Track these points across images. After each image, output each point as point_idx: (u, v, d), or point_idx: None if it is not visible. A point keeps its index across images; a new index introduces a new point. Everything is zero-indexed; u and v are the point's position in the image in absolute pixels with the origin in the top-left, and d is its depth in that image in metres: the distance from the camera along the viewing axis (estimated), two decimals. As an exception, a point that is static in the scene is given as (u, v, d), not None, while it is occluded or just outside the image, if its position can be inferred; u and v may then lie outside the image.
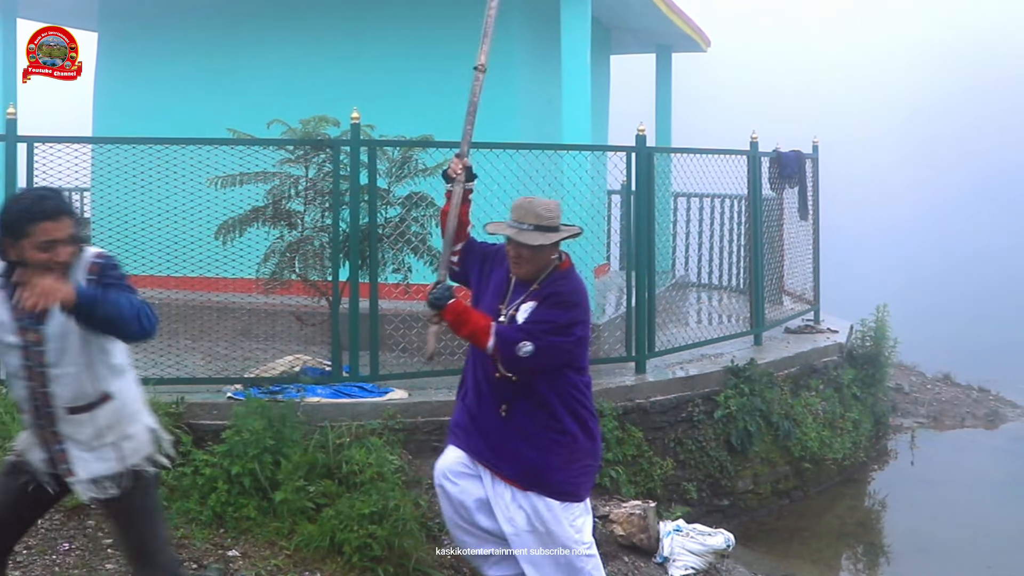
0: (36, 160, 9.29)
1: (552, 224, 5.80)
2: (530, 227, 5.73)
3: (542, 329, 5.71)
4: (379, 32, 13.42)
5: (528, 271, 5.84)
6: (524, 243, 5.73)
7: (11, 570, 6.52)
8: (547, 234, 5.75)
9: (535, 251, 5.77)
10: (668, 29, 16.64)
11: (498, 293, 5.99)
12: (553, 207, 5.88)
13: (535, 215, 5.76)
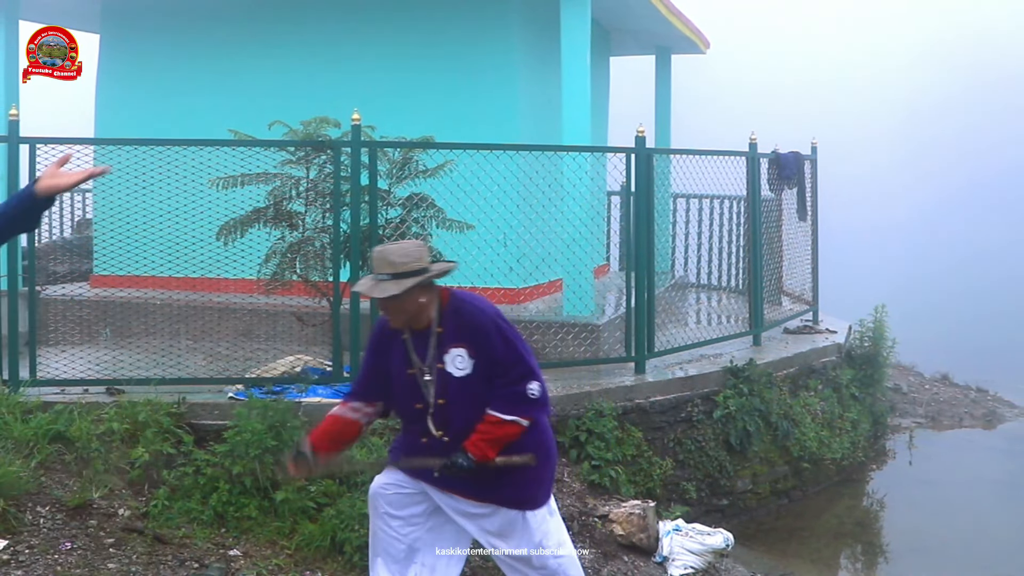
0: (38, 161, 9.28)
1: (409, 269, 5.46)
2: (387, 276, 5.45)
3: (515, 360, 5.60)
4: (379, 34, 13.43)
5: (402, 321, 5.61)
6: (377, 297, 5.51)
7: (13, 569, 6.54)
8: (402, 281, 5.42)
9: (397, 301, 5.49)
10: (667, 31, 16.64)
11: (403, 361, 5.69)
12: (410, 250, 5.54)
13: (389, 264, 5.46)
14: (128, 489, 7.95)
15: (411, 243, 5.67)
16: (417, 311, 5.57)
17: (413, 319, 5.60)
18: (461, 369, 5.58)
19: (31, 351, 9.36)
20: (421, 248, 5.62)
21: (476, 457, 5.51)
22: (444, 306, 5.66)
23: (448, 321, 5.63)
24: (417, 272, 5.49)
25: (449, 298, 5.69)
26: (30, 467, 7.56)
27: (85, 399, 8.80)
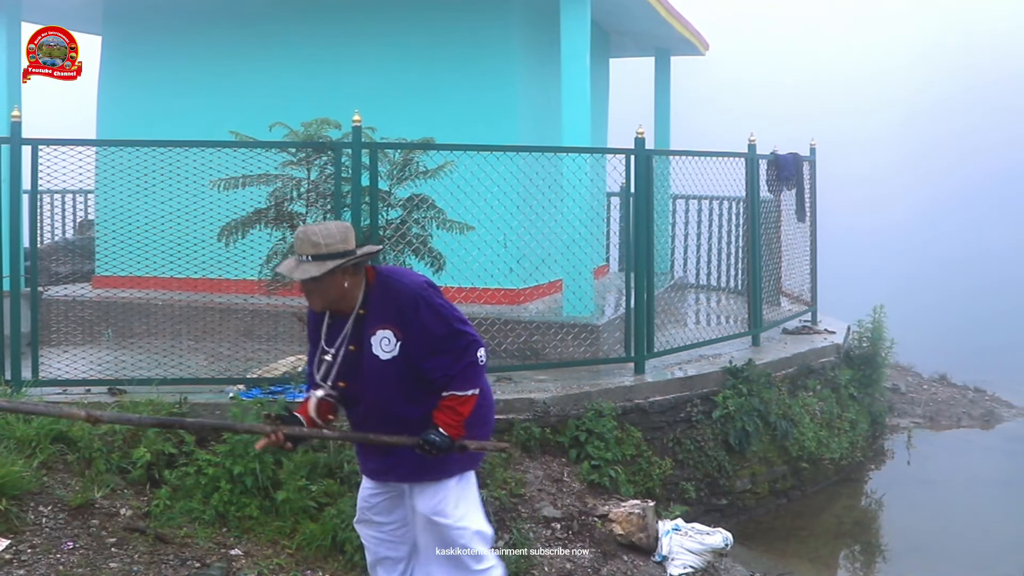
0: (40, 162, 9.29)
1: (331, 251, 5.25)
2: (308, 258, 5.25)
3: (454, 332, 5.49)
4: (380, 36, 13.43)
5: (322, 304, 5.41)
6: (297, 279, 5.31)
7: (15, 568, 6.54)
8: (324, 263, 5.23)
9: (317, 283, 5.30)
10: (667, 33, 16.65)
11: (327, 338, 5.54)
12: (333, 231, 5.30)
13: (311, 244, 5.25)
14: (130, 489, 7.95)
15: (336, 224, 5.40)
16: (339, 295, 5.38)
17: (335, 303, 5.42)
18: (388, 352, 5.41)
19: (33, 351, 9.36)
20: (346, 230, 5.37)
21: (454, 437, 5.43)
22: (370, 286, 5.47)
23: (374, 302, 5.44)
24: (341, 254, 5.28)
25: (375, 277, 5.50)
26: (32, 467, 7.56)
27: (87, 399, 8.81)
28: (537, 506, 8.52)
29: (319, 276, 5.24)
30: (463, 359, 5.46)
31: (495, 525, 8.10)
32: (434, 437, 5.38)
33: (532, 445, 9.20)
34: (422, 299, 5.41)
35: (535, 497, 8.61)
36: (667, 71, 18.53)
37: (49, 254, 14.93)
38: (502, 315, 11.49)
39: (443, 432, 5.40)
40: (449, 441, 5.40)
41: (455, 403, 5.44)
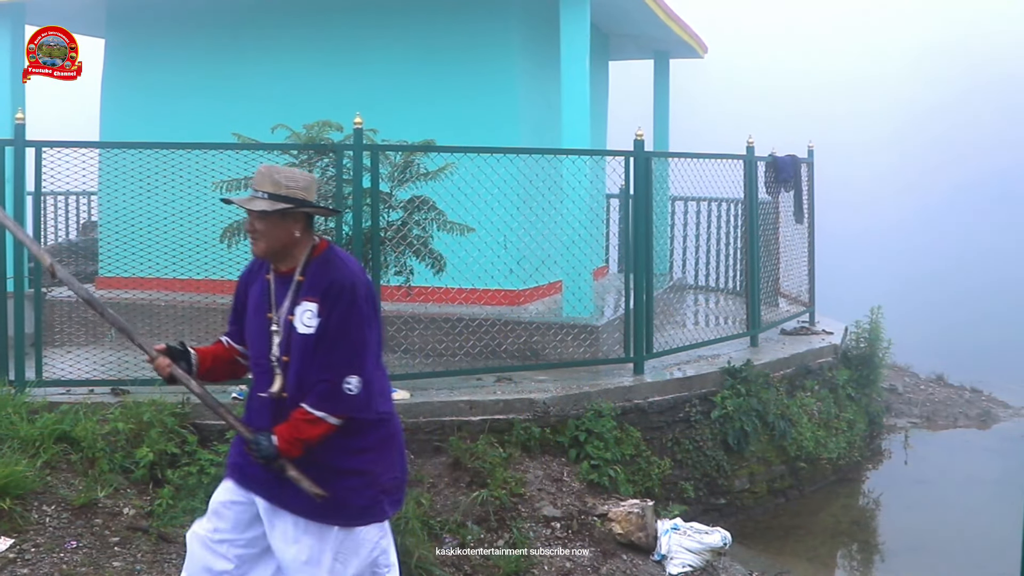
0: (44, 164, 9.29)
1: (289, 195, 4.90)
2: (264, 195, 4.89)
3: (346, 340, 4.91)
4: (381, 39, 13.43)
5: (264, 248, 4.96)
6: (250, 209, 4.91)
7: (19, 567, 6.55)
8: (277, 203, 4.89)
9: (267, 221, 4.91)
10: (666, 36, 16.64)
11: (261, 302, 5.10)
12: (298, 179, 4.97)
13: (272, 182, 4.91)
14: (133, 488, 7.95)
15: (303, 173, 5.06)
16: (284, 244, 4.97)
17: (278, 253, 4.99)
18: (307, 327, 4.91)
19: (37, 352, 9.36)
20: (311, 181, 5.06)
21: (282, 449, 4.83)
22: (314, 255, 5.04)
23: (312, 271, 4.99)
24: (299, 201, 4.96)
25: (324, 250, 5.08)
26: (36, 467, 7.56)
27: (90, 399, 8.80)
28: (537, 505, 8.53)
29: (270, 212, 4.89)
30: (330, 372, 4.87)
31: (496, 524, 8.13)
32: (261, 439, 4.86)
33: (532, 445, 9.20)
34: (351, 289, 4.93)
35: (535, 496, 8.62)
36: (666, 74, 18.53)
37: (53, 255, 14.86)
38: (502, 316, 11.49)
39: (273, 439, 4.85)
40: (274, 452, 4.82)
41: (300, 418, 4.85)
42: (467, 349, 10.87)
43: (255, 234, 4.97)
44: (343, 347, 4.89)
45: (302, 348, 4.92)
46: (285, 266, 5.04)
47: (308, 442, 4.85)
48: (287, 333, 4.97)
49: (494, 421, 9.17)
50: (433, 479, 8.57)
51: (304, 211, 5.00)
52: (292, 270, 5.02)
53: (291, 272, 5.02)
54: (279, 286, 5.06)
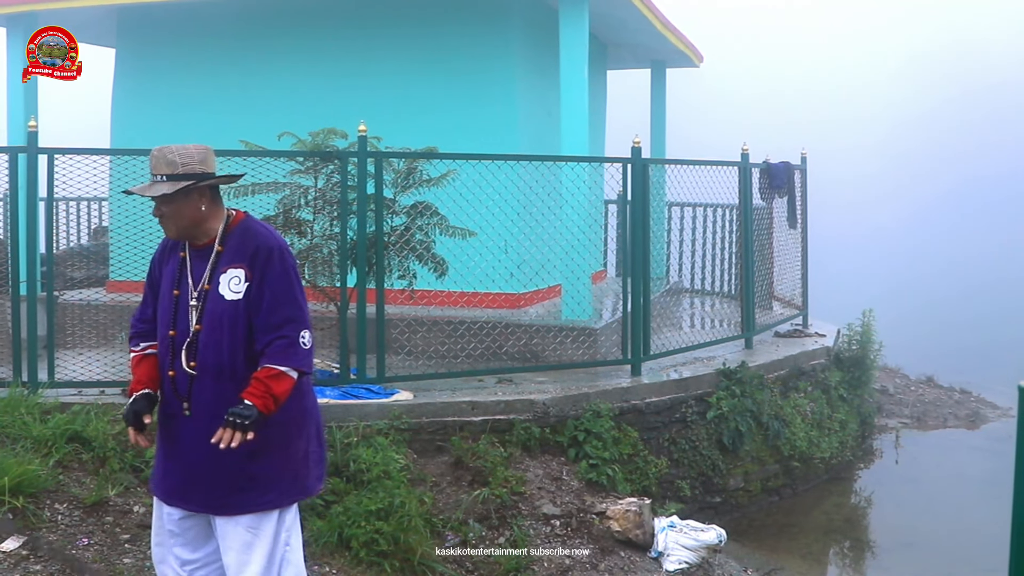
0: (56, 170, 9.29)
1: (189, 172, 4.72)
2: (162, 178, 4.71)
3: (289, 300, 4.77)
4: (385, 50, 13.44)
5: (175, 229, 4.80)
6: (150, 196, 4.74)
7: (32, 564, 6.54)
8: (178, 183, 4.69)
9: (172, 203, 4.73)
10: (662, 45, 16.65)
11: (173, 279, 4.88)
12: (191, 152, 4.76)
13: (167, 163, 4.71)
14: (143, 487, 7.94)
15: (196, 146, 4.83)
16: (194, 220, 4.79)
17: (190, 230, 4.81)
18: (235, 292, 4.74)
19: (49, 354, 9.36)
20: (206, 152, 4.84)
21: (259, 407, 4.58)
22: (231, 226, 4.89)
23: (233, 240, 4.83)
24: (198, 176, 4.76)
25: (242, 219, 4.93)
26: (48, 466, 7.56)
27: (101, 400, 8.80)
28: (537, 504, 8.52)
29: (172, 195, 4.70)
30: (284, 329, 4.71)
31: (497, 522, 8.13)
32: (239, 406, 4.57)
33: (532, 445, 9.20)
34: (279, 251, 4.81)
35: (535, 495, 8.62)
36: (663, 82, 18.54)
37: (65, 260, 14.93)
38: (503, 319, 11.49)
39: (248, 403, 4.58)
40: (257, 412, 4.55)
41: (265, 375, 4.65)
42: (469, 351, 10.87)
43: (163, 218, 4.80)
44: (290, 305, 4.77)
45: (231, 314, 4.75)
46: (201, 241, 4.87)
47: (279, 398, 4.66)
48: (202, 304, 4.79)
49: (495, 421, 9.18)
50: (436, 478, 8.57)
51: (206, 184, 4.81)
52: (210, 243, 4.85)
53: (209, 244, 4.85)
54: (196, 260, 4.87)
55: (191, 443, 4.78)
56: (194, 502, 4.80)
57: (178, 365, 4.79)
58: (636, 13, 14.12)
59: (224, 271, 4.77)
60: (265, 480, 4.75)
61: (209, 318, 4.76)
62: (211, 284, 4.78)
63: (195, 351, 4.77)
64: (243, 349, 4.75)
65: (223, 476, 4.71)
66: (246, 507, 4.74)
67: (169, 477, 4.87)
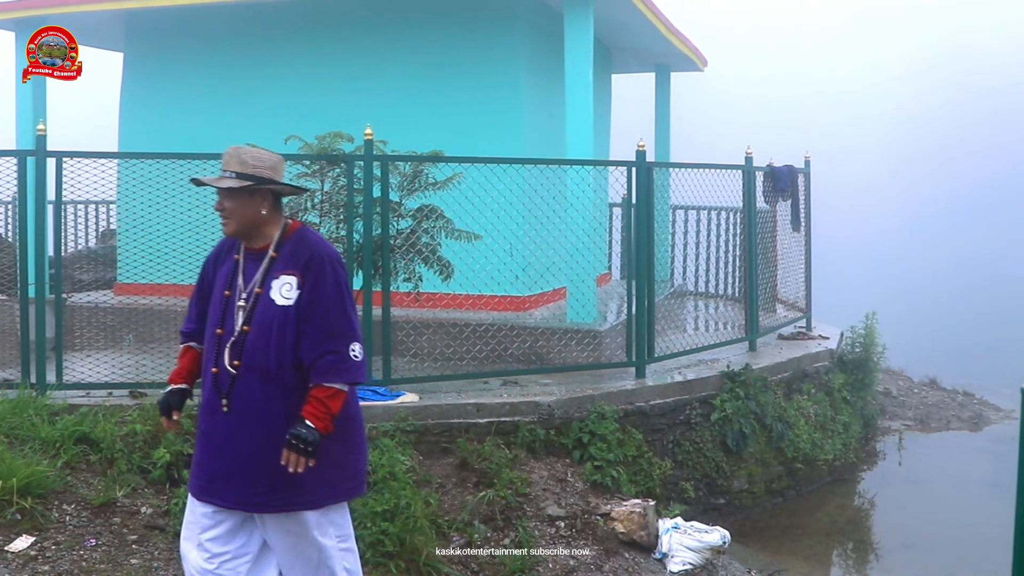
0: (64, 174, 9.30)
1: (257, 174, 4.88)
2: (231, 174, 4.86)
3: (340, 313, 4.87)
4: (391, 54, 13.45)
5: (234, 226, 4.92)
6: (217, 186, 4.89)
7: (40, 564, 6.56)
8: (247, 181, 4.86)
9: (236, 199, 4.88)
10: (667, 49, 16.66)
11: (226, 280, 5.01)
12: (264, 156, 4.94)
13: (239, 162, 4.88)
14: (150, 488, 7.95)
15: (269, 152, 5.01)
16: (253, 221, 4.92)
17: (248, 231, 4.95)
18: (286, 298, 4.85)
19: (58, 356, 9.37)
20: (277, 160, 4.99)
21: (320, 430, 4.71)
22: (288, 234, 5.00)
23: (287, 248, 4.94)
24: (262, 179, 4.90)
25: (298, 228, 5.05)
26: (56, 467, 7.57)
27: (109, 402, 8.82)
28: (542, 505, 8.52)
29: (236, 191, 4.86)
30: (335, 343, 4.82)
31: (502, 523, 8.13)
32: (301, 430, 4.68)
33: (537, 446, 9.20)
34: (331, 263, 4.92)
35: (540, 496, 8.62)
36: (667, 86, 18.56)
37: (73, 262, 14.95)
38: (508, 321, 11.49)
39: (310, 425, 4.70)
40: (318, 435, 4.68)
41: (324, 395, 4.77)
42: (474, 353, 10.87)
43: (224, 212, 4.91)
44: (340, 318, 4.87)
45: (281, 319, 4.84)
46: (257, 244, 4.99)
47: (336, 416, 4.79)
48: (253, 306, 4.90)
49: (500, 423, 9.18)
50: (441, 479, 8.57)
51: (270, 189, 4.94)
52: (265, 247, 4.97)
53: (264, 249, 4.97)
54: (249, 263, 4.99)
55: (227, 440, 4.87)
56: (229, 499, 4.88)
57: (221, 363, 4.90)
58: (640, 17, 14.13)
59: (276, 276, 4.89)
60: (302, 482, 4.79)
61: (258, 320, 4.87)
62: (262, 288, 4.90)
63: (240, 351, 4.87)
64: (289, 353, 4.83)
65: (262, 475, 4.81)
66: (282, 506, 4.84)
67: (204, 472, 4.95)
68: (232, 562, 4.98)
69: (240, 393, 4.85)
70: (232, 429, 4.86)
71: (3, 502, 7.01)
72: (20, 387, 8.83)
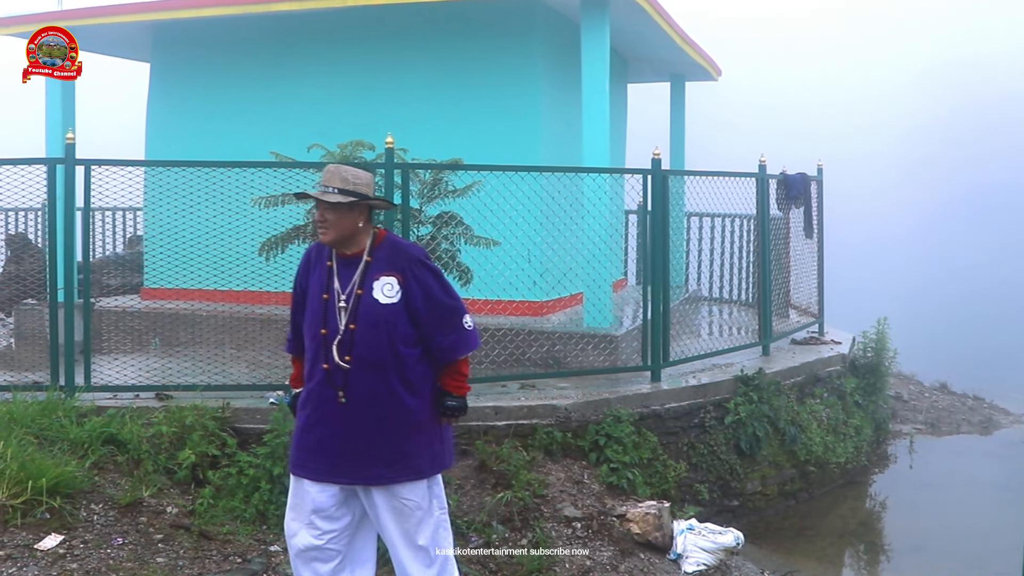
0: (93, 181, 9.35)
1: (357, 190, 5.35)
2: (335, 190, 5.30)
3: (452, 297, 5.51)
4: (412, 64, 13.47)
5: (333, 236, 5.37)
6: (324, 201, 5.30)
7: (68, 562, 6.58)
8: (349, 196, 5.32)
9: (337, 212, 5.32)
10: (682, 59, 16.66)
11: (321, 284, 5.46)
12: (361, 175, 5.43)
13: (340, 179, 5.34)
14: (176, 488, 7.99)
15: (365, 172, 5.49)
16: (352, 232, 5.39)
17: (345, 240, 5.41)
18: (389, 297, 5.36)
19: (86, 359, 9.41)
20: (371, 178, 5.48)
21: (463, 394, 5.54)
22: (378, 241, 5.48)
23: (380, 253, 5.44)
24: (363, 195, 5.37)
25: (386, 235, 5.55)
26: (85, 467, 7.61)
27: (136, 404, 8.86)
28: (559, 506, 8.52)
29: (340, 205, 5.31)
30: (453, 322, 5.47)
31: (520, 524, 8.13)
32: (451, 402, 5.49)
33: (554, 449, 9.20)
34: (425, 259, 5.50)
35: (557, 498, 8.61)
36: (682, 95, 18.54)
37: (101, 268, 15.01)
38: (526, 326, 11.49)
39: (455, 395, 5.51)
40: (464, 400, 5.54)
41: (455, 367, 5.53)
42: (492, 357, 10.87)
43: (325, 223, 5.34)
44: (448, 299, 5.46)
45: (385, 315, 5.33)
46: (350, 250, 5.44)
47: (467, 376, 5.60)
48: (355, 306, 5.35)
49: (518, 426, 9.18)
50: (460, 481, 8.57)
51: (368, 203, 5.41)
52: (358, 253, 5.43)
53: (358, 255, 5.43)
54: (343, 269, 5.44)
55: (346, 426, 5.37)
56: (348, 475, 5.41)
57: (331, 359, 5.36)
58: (656, 28, 14.12)
59: (376, 278, 5.39)
60: (413, 454, 5.40)
61: (364, 319, 5.35)
62: (363, 289, 5.38)
63: (349, 347, 5.35)
64: (398, 344, 5.36)
65: (378, 453, 5.36)
66: (398, 478, 5.39)
67: (321, 456, 5.42)
68: (337, 537, 5.50)
69: (354, 384, 5.33)
70: (350, 415, 5.35)
71: (33, 501, 7.04)
72: (49, 389, 8.89)
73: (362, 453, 5.36)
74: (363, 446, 5.36)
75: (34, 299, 12.40)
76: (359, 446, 5.36)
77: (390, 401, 5.36)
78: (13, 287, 13.35)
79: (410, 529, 5.46)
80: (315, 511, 5.45)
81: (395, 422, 5.36)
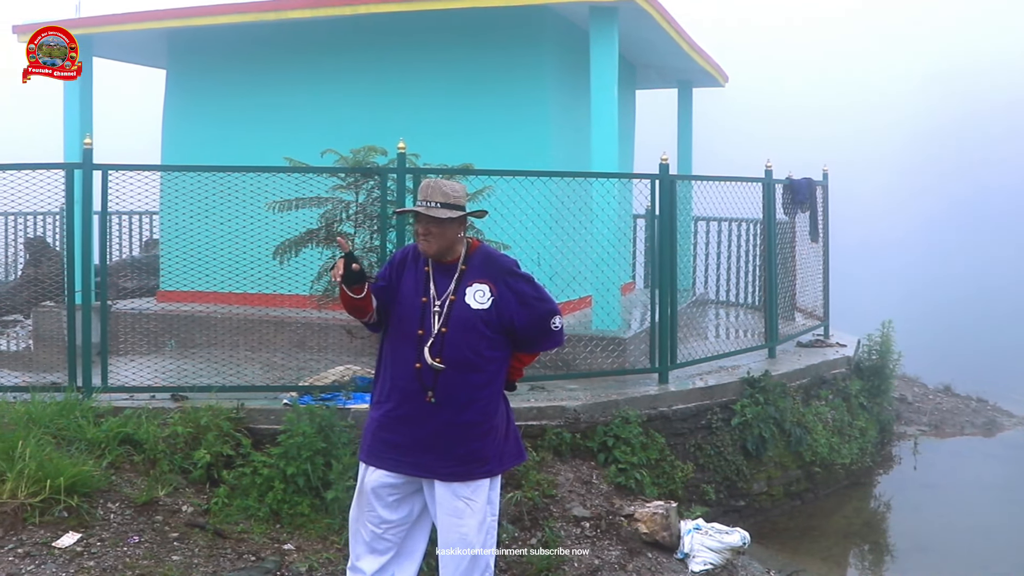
0: (110, 186, 9.36)
1: (457, 203, 5.56)
2: (436, 204, 5.48)
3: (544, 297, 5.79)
4: (423, 70, 13.49)
5: (436, 248, 5.58)
6: (432, 216, 5.47)
7: (85, 560, 6.60)
8: (452, 210, 5.52)
9: (442, 226, 5.51)
10: (689, 66, 16.66)
11: (418, 288, 5.67)
12: (459, 189, 5.63)
13: (441, 193, 5.52)
14: (191, 488, 8.00)
15: (460, 184, 5.70)
16: (451, 242, 5.59)
17: (444, 250, 5.61)
18: (480, 303, 5.60)
19: (103, 360, 9.43)
20: (465, 190, 5.69)
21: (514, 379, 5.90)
22: (472, 250, 5.72)
23: (474, 261, 5.69)
24: (462, 208, 5.59)
25: (479, 245, 5.78)
26: (101, 467, 7.63)
27: (152, 404, 8.87)
28: (568, 506, 8.52)
29: (451, 219, 5.50)
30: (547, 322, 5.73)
31: (529, 524, 8.13)
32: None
33: (563, 449, 9.20)
34: (515, 267, 5.75)
35: (566, 498, 8.61)
36: (689, 101, 18.53)
37: (117, 270, 15.03)
38: (535, 328, 11.46)
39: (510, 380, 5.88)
40: (514, 385, 5.96)
41: (529, 359, 5.96)
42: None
43: (428, 236, 5.54)
44: (542, 308, 5.71)
45: (474, 320, 5.57)
46: (447, 259, 5.65)
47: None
48: (448, 311, 5.58)
49: (528, 427, 9.17)
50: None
51: (466, 216, 5.61)
52: (454, 261, 5.66)
53: (454, 263, 5.66)
54: (440, 275, 5.65)
55: (429, 422, 5.58)
56: (425, 469, 5.63)
57: (423, 359, 5.57)
58: (664, 35, 14.12)
59: (470, 285, 5.63)
60: (484, 454, 5.65)
61: (455, 322, 5.58)
62: (456, 295, 5.61)
63: (440, 348, 5.57)
64: (483, 348, 5.61)
65: (456, 450, 5.58)
66: (469, 476, 5.61)
67: (400, 450, 5.65)
68: (395, 528, 5.78)
69: (444, 385, 5.55)
70: (434, 413, 5.56)
71: (51, 500, 7.06)
72: (67, 390, 8.90)
73: (439, 449, 5.58)
74: (441, 443, 5.57)
75: (52, 301, 12.43)
76: (440, 443, 5.57)
77: (472, 402, 5.59)
78: (32, 290, 13.39)
79: (463, 527, 5.62)
80: (379, 500, 5.72)
81: (474, 422, 5.60)
